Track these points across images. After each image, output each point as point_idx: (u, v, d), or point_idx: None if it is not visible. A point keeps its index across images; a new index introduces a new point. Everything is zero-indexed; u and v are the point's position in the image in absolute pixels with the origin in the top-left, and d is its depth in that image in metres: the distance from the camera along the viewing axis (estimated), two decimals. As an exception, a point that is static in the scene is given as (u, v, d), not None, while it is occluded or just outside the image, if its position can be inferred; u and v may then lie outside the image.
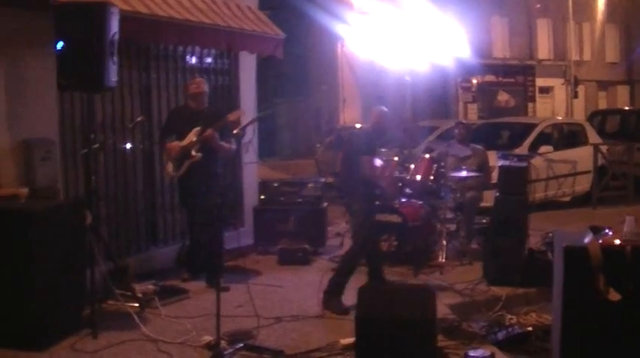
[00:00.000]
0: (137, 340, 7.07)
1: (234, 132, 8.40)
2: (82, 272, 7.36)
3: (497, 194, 9.81)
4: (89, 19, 7.07)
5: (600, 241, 5.65)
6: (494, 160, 12.20)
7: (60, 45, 7.12)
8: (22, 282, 6.80)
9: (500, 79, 35.72)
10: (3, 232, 6.87)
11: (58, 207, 7.45)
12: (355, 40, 25.20)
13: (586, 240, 5.70)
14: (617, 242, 5.61)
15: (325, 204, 11.37)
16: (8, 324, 6.85)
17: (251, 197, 11.58)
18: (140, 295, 8.03)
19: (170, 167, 9.11)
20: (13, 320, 6.85)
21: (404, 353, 6.20)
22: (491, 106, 34.60)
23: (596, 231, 5.94)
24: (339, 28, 23.76)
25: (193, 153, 8.84)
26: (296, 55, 11.04)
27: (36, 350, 6.75)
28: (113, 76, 7.28)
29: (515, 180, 9.78)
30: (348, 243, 11.26)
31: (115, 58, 7.26)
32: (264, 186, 11.57)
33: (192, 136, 8.89)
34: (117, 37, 7.26)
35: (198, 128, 8.85)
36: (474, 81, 33.12)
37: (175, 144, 9.01)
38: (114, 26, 7.21)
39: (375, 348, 6.24)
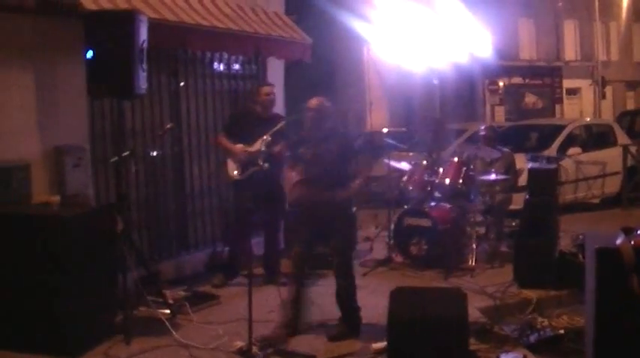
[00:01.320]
0: (170, 346, 7.12)
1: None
2: (114, 279, 7.42)
3: (528, 196, 9.77)
4: (118, 27, 7.15)
5: (632, 242, 5.62)
6: (524, 162, 12.18)
7: (90, 53, 7.19)
8: (56, 289, 6.85)
9: (527, 80, 35.60)
10: (36, 239, 6.94)
11: (90, 214, 7.51)
12: (381, 43, 25.18)
13: (618, 241, 5.67)
14: (649, 242, 5.59)
15: (355, 208, 11.35)
16: (42, 331, 6.91)
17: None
18: (171, 301, 8.07)
19: (233, 169, 9.16)
20: (46, 327, 6.90)
21: (436, 356, 6.20)
22: (519, 108, 34.50)
23: (628, 231, 5.90)
24: (365, 31, 23.73)
25: (260, 162, 8.63)
26: (321, 60, 11.02)
27: (69, 357, 6.81)
28: (143, 83, 7.35)
29: (545, 182, 9.74)
30: (377, 248, 11.30)
31: (145, 66, 7.33)
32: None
33: (259, 145, 8.81)
34: (146, 44, 7.33)
35: (268, 138, 8.76)
36: (501, 83, 33.02)
37: (242, 148, 9.07)
38: (143, 34, 7.29)
39: (407, 351, 6.25)
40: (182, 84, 10.03)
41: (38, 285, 6.89)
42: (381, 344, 6.71)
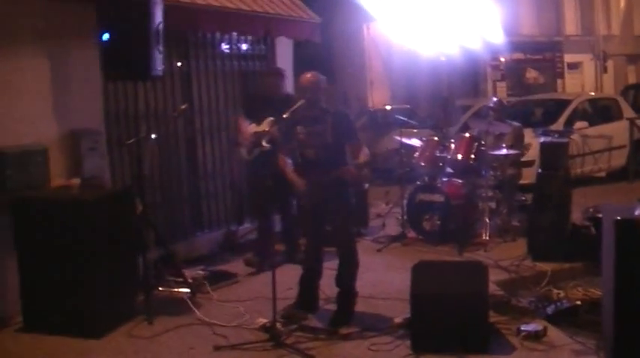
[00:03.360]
0: (192, 324, 7.19)
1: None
2: (135, 260, 7.50)
3: (540, 170, 9.83)
4: (134, 9, 7.16)
5: (650, 213, 5.69)
6: (532, 137, 12.24)
7: (106, 36, 7.21)
8: (78, 271, 6.94)
9: (528, 56, 35.48)
10: (57, 222, 7.02)
11: (109, 197, 7.57)
12: (385, 22, 25.05)
13: (637, 213, 5.73)
14: (666, 213, 5.66)
15: (367, 185, 11.42)
16: (66, 313, 7.00)
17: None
18: (190, 280, 8.14)
19: (243, 150, 9.11)
20: (71, 309, 6.99)
21: (458, 328, 6.28)
22: (520, 84, 34.40)
23: (644, 203, 5.98)
24: (368, 9, 23.60)
25: (264, 142, 8.38)
26: (321, 39, 10.95)
27: (93, 338, 6.88)
28: (159, 64, 7.37)
29: (557, 156, 9.79)
30: (389, 224, 11.36)
31: (161, 47, 7.35)
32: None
33: (265, 125, 8.65)
34: (162, 26, 7.35)
35: (271, 118, 8.35)
36: (502, 59, 32.94)
37: (250, 129, 8.95)
38: (158, 15, 7.30)
39: (429, 325, 6.32)
40: (179, 64, 9.98)
41: (60, 268, 6.98)
42: (403, 318, 6.79)
